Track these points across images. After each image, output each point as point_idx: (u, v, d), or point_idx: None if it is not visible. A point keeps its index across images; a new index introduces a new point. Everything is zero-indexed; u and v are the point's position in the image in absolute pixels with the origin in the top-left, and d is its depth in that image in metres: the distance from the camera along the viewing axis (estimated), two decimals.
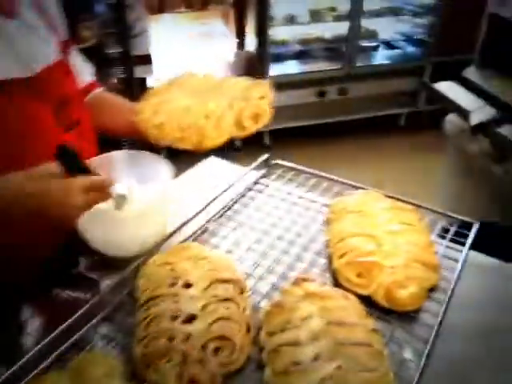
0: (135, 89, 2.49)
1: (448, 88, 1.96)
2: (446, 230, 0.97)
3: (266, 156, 1.17)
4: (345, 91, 3.24)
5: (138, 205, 0.82)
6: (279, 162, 1.18)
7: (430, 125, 3.58)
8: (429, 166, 3.07)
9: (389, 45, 3.56)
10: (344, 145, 3.34)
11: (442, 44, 3.17)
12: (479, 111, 1.73)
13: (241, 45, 3.21)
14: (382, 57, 3.49)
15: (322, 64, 3.32)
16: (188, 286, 0.78)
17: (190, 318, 0.73)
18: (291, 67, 3.33)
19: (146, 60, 2.60)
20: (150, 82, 2.74)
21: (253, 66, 3.10)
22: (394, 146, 3.40)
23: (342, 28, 3.27)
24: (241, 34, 3.18)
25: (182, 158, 1.03)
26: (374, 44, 3.49)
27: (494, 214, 1.78)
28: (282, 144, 3.30)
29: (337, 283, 0.84)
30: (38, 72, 0.83)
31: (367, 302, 0.79)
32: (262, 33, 2.90)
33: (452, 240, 0.95)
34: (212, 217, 1.01)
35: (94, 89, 1.03)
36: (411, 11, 3.38)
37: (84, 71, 1.02)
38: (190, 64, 3.29)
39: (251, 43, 3.13)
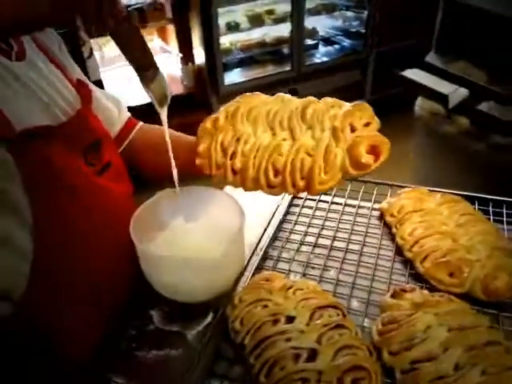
0: None
1: (415, 75, 2.02)
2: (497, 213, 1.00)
3: None
4: (296, 91, 3.27)
5: (216, 251, 0.76)
6: None
7: (377, 113, 3.73)
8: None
9: (328, 41, 3.64)
10: None
11: (382, 35, 3.29)
12: (454, 93, 1.81)
13: (186, 59, 3.14)
14: (324, 53, 3.55)
15: (269, 68, 3.32)
16: (290, 320, 0.74)
17: (312, 354, 0.68)
18: (240, 75, 3.31)
19: (98, 86, 2.45)
20: None
21: (204, 79, 3.04)
22: None
23: (282, 30, 3.31)
24: (184, 48, 3.11)
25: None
26: (315, 42, 3.54)
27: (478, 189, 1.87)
28: None
29: (426, 287, 0.83)
30: (64, 121, 0.75)
31: (461, 298, 0.79)
32: (210, 44, 2.85)
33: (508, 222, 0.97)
34: (270, 241, 0.96)
35: (134, 125, 0.95)
36: (345, 6, 3.48)
37: (114, 107, 0.93)
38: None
39: (197, 56, 3.07)
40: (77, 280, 0.74)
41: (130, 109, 0.99)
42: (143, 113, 1.05)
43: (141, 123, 0.96)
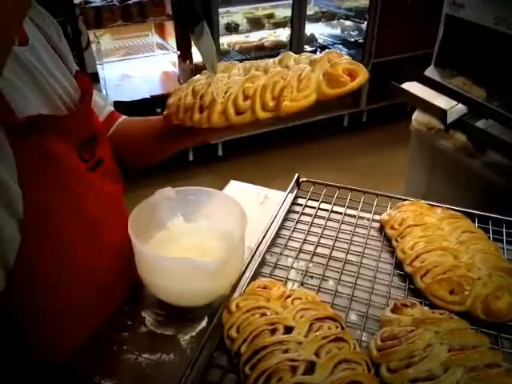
0: None
1: (414, 88, 2.02)
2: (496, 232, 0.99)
3: (296, 175, 1.12)
4: None
5: (218, 256, 0.74)
6: (307, 179, 1.14)
7: (372, 124, 3.75)
8: (382, 161, 3.18)
9: (326, 49, 3.63)
10: (297, 150, 3.37)
11: (381, 46, 3.30)
12: (453, 109, 1.81)
13: (184, 57, 3.11)
14: None
15: None
16: (289, 330, 0.72)
17: (310, 367, 0.67)
18: None
19: (94, 79, 2.42)
20: None
21: None
22: (340, 147, 3.48)
23: (281, 35, 3.31)
24: (183, 46, 3.08)
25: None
26: (313, 49, 3.54)
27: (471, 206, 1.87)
28: (234, 155, 3.28)
29: (425, 303, 0.81)
30: (64, 112, 0.72)
31: (460, 317, 0.77)
32: None
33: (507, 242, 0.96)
34: (268, 247, 0.94)
35: (116, 118, 0.93)
36: (345, 15, 3.49)
37: (102, 100, 0.91)
38: (135, 78, 3.15)
39: (195, 55, 3.04)
40: (64, 279, 0.71)
41: (125, 104, 0.98)
42: (139, 108, 1.04)
43: (124, 116, 0.95)
